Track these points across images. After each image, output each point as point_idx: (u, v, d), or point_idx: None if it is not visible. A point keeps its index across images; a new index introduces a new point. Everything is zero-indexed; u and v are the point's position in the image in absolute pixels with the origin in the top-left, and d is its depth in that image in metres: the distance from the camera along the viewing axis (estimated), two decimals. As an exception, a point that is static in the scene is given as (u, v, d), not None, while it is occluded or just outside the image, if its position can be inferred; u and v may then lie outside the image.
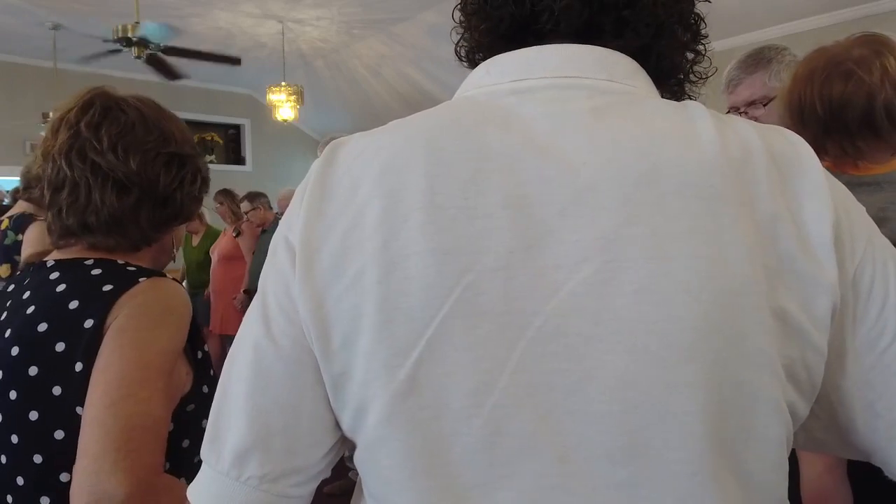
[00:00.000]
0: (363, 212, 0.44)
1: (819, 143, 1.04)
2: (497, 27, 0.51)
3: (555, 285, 0.41)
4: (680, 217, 0.41)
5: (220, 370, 0.50)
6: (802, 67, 1.07)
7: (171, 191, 0.91)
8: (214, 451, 0.48)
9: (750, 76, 1.55)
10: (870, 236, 0.45)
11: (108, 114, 0.87)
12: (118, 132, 0.86)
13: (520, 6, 0.49)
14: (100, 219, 0.85)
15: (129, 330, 0.77)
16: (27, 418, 0.79)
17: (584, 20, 0.48)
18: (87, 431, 0.72)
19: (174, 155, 0.91)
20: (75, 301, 0.80)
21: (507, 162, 0.44)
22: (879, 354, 0.44)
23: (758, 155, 0.43)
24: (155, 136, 0.89)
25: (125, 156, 0.85)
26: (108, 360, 0.76)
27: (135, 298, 0.80)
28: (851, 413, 0.46)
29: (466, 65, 0.55)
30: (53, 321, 0.80)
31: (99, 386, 0.74)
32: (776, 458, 0.43)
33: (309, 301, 0.45)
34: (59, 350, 0.78)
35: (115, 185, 0.85)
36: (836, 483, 0.99)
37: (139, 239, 0.90)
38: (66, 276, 0.84)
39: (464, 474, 0.42)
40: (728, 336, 0.40)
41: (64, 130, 0.86)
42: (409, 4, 5.10)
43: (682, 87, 0.55)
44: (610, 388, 0.41)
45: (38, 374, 0.79)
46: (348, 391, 0.45)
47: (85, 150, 0.84)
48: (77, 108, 0.87)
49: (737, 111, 1.58)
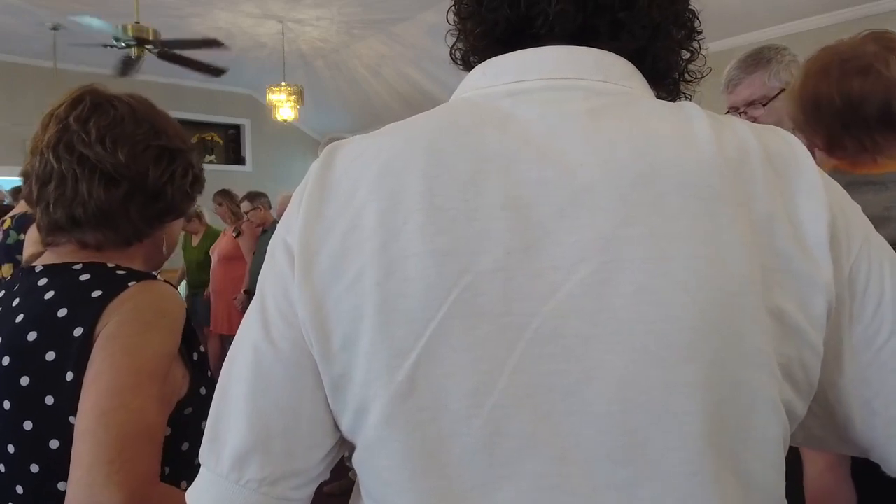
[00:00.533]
0: (362, 213, 0.44)
1: (836, 139, 1.04)
2: (492, 31, 0.51)
3: (553, 286, 0.42)
4: (678, 217, 0.41)
5: (220, 370, 0.50)
6: (814, 64, 1.06)
7: (161, 184, 0.89)
8: (213, 454, 0.48)
9: (749, 76, 1.55)
10: (866, 235, 0.45)
11: (98, 108, 0.86)
12: (107, 125, 0.85)
13: (515, 10, 0.49)
14: (87, 211, 0.84)
15: (119, 336, 0.76)
16: (22, 428, 0.78)
17: (578, 24, 0.48)
18: (79, 442, 0.71)
19: (164, 148, 0.90)
20: (64, 309, 0.79)
21: (506, 163, 0.44)
22: (876, 352, 0.45)
23: (754, 155, 0.43)
24: (144, 129, 0.88)
25: (113, 147, 0.84)
26: (99, 368, 0.74)
27: (124, 304, 0.79)
28: (849, 410, 0.46)
29: (462, 67, 0.55)
30: (43, 330, 0.79)
31: (90, 396, 0.73)
32: (774, 457, 0.43)
33: (308, 303, 0.45)
34: (49, 359, 0.77)
35: (103, 177, 0.84)
36: (839, 481, 0.99)
37: (130, 234, 0.89)
38: (55, 282, 0.83)
39: (463, 475, 0.42)
40: (726, 336, 0.40)
41: (53, 125, 0.85)
42: (409, 4, 5.10)
43: (678, 86, 0.55)
44: (609, 388, 0.41)
45: (29, 384, 0.78)
46: (349, 392, 0.45)
47: (73, 143, 0.84)
48: (67, 103, 0.86)
49: (736, 111, 1.58)
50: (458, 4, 0.54)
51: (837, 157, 1.06)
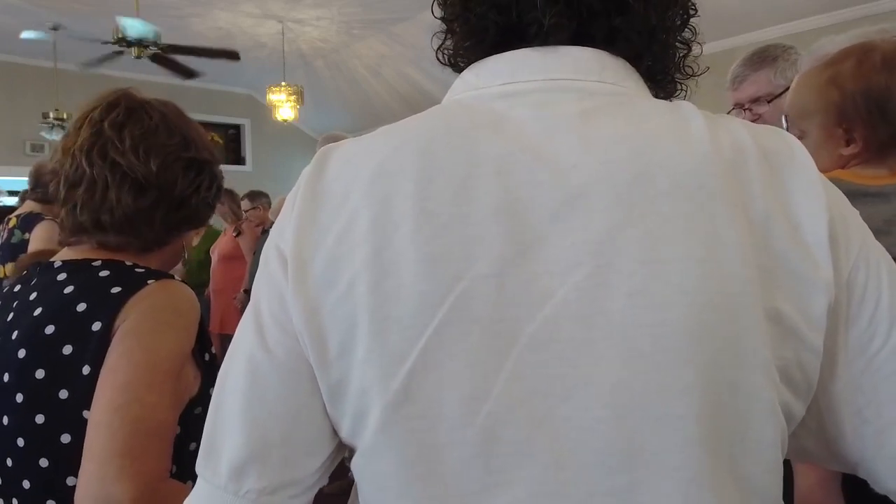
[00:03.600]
0: (355, 218, 0.44)
1: (892, 141, 0.99)
2: (481, 37, 0.49)
3: (547, 291, 0.41)
4: (673, 219, 0.41)
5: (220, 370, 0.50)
6: (869, 57, 1.00)
7: (187, 195, 0.91)
8: (210, 465, 0.47)
9: (755, 73, 1.55)
10: (864, 237, 0.45)
11: (133, 115, 0.87)
12: (141, 133, 0.86)
13: (505, 15, 0.48)
14: (114, 218, 0.85)
15: (137, 333, 0.77)
16: (33, 422, 0.78)
17: (573, 31, 0.47)
18: (93, 435, 0.72)
19: (193, 160, 0.92)
20: (83, 303, 0.80)
21: (499, 166, 0.43)
22: (870, 358, 0.44)
23: (750, 154, 0.43)
24: (177, 140, 0.90)
25: (146, 157, 0.86)
26: (116, 363, 0.75)
27: (143, 301, 0.80)
28: (840, 419, 0.45)
29: (451, 69, 0.54)
30: (61, 324, 0.79)
31: (106, 389, 0.74)
32: (772, 460, 0.43)
33: (303, 310, 0.44)
34: (66, 353, 0.78)
35: (133, 186, 0.86)
36: (829, 497, 0.98)
37: (152, 241, 0.90)
38: (74, 277, 0.84)
39: (459, 482, 0.42)
40: (722, 338, 0.40)
41: (87, 128, 0.86)
42: (409, 4, 5.10)
43: (675, 84, 0.54)
44: (605, 393, 0.40)
45: (44, 377, 0.78)
46: (347, 399, 0.44)
47: (106, 149, 0.85)
48: (102, 107, 0.87)
49: (741, 108, 1.58)
50: (444, 5, 0.52)
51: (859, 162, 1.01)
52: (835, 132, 1.01)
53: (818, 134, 1.03)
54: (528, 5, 0.47)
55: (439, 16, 0.52)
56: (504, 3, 0.47)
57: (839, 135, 1.01)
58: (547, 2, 0.46)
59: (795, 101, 1.08)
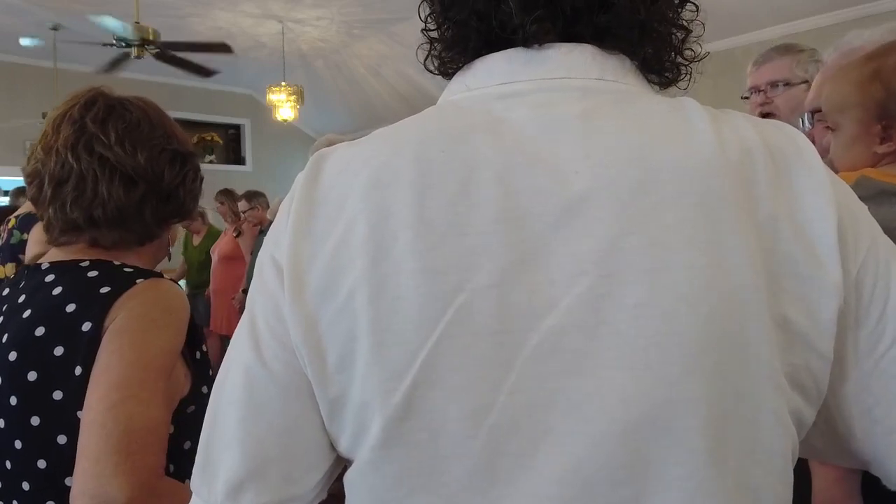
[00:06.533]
0: (352, 228, 0.42)
1: None
2: (464, 45, 0.48)
3: (550, 301, 0.40)
4: (678, 225, 0.39)
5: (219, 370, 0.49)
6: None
7: (174, 187, 0.92)
8: (206, 484, 0.46)
9: (780, 57, 1.63)
10: (873, 236, 0.44)
11: (113, 111, 0.88)
12: (125, 127, 0.87)
13: (485, 22, 0.46)
14: (106, 212, 0.85)
15: (127, 331, 0.77)
16: (29, 424, 0.78)
17: (559, 32, 0.46)
18: (87, 434, 0.71)
19: (177, 152, 0.93)
20: (72, 304, 0.80)
21: (498, 171, 0.42)
22: (878, 359, 0.43)
23: (756, 153, 0.42)
24: (159, 133, 0.91)
25: (133, 150, 0.86)
26: (108, 362, 0.75)
27: (133, 300, 0.80)
28: (849, 419, 0.44)
29: (439, 76, 0.52)
30: (51, 325, 0.79)
31: (99, 388, 0.74)
32: (781, 470, 0.41)
33: (301, 324, 0.43)
34: (57, 354, 0.78)
35: (123, 179, 0.86)
36: (847, 494, 0.97)
37: (143, 234, 0.91)
38: (63, 278, 0.84)
39: (462, 495, 0.41)
40: (729, 347, 0.39)
41: (67, 126, 0.86)
42: (409, 4, 5.07)
43: (678, 67, 0.51)
44: (609, 405, 0.39)
45: (37, 379, 0.78)
46: (346, 414, 0.43)
47: (92, 144, 0.85)
48: (79, 105, 0.87)
49: (757, 90, 1.65)
50: (427, 16, 0.51)
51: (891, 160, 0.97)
52: (872, 128, 0.98)
53: (854, 129, 1.00)
54: (506, 14, 0.45)
55: (422, 26, 0.51)
56: (483, 11, 0.46)
57: (876, 131, 0.97)
58: (523, 9, 0.45)
59: (832, 94, 1.03)
